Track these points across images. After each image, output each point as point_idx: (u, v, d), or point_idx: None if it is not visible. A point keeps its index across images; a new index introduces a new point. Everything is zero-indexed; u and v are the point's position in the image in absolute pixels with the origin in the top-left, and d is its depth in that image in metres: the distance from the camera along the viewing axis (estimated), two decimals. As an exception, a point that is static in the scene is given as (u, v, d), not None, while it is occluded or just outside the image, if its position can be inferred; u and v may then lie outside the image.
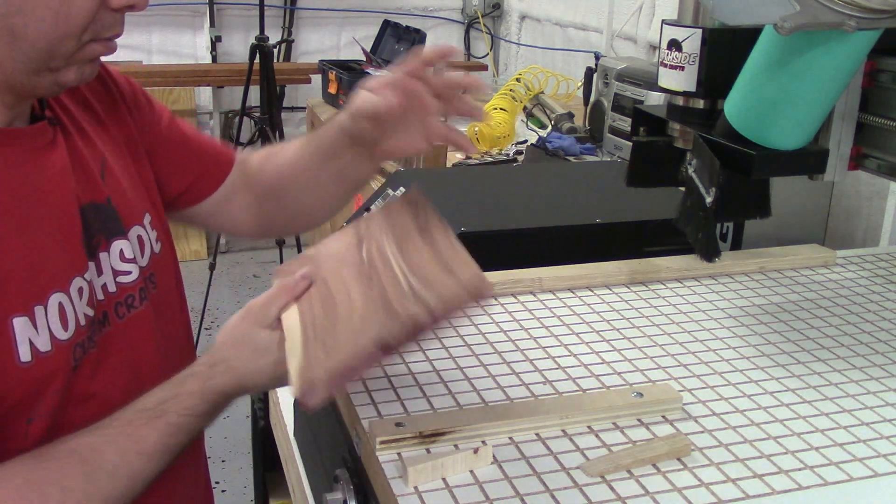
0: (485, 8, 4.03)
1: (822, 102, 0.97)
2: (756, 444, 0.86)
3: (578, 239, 1.39)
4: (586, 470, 0.81)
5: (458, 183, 1.67)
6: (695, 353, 1.05)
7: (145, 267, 1.00)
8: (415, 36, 3.20)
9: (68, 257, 0.90)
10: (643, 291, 1.23)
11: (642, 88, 2.10)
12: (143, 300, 0.99)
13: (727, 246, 1.40)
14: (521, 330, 1.10)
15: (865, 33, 0.88)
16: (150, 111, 1.11)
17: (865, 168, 1.11)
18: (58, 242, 0.89)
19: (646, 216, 1.42)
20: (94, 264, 0.93)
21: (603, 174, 1.79)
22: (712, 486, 0.79)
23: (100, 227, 0.95)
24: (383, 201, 1.57)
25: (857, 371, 1.02)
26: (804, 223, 1.42)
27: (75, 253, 0.90)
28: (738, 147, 1.01)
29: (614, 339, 1.08)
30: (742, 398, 0.95)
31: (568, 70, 3.14)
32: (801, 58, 0.91)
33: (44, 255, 0.87)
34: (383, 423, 0.85)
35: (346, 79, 3.03)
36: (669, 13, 1.22)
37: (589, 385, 0.97)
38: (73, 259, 0.90)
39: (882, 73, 1.05)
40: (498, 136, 2.43)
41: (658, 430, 0.88)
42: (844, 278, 1.29)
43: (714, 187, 1.03)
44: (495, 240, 1.36)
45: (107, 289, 0.95)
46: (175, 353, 1.04)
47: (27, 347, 0.84)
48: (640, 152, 1.19)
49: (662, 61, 1.10)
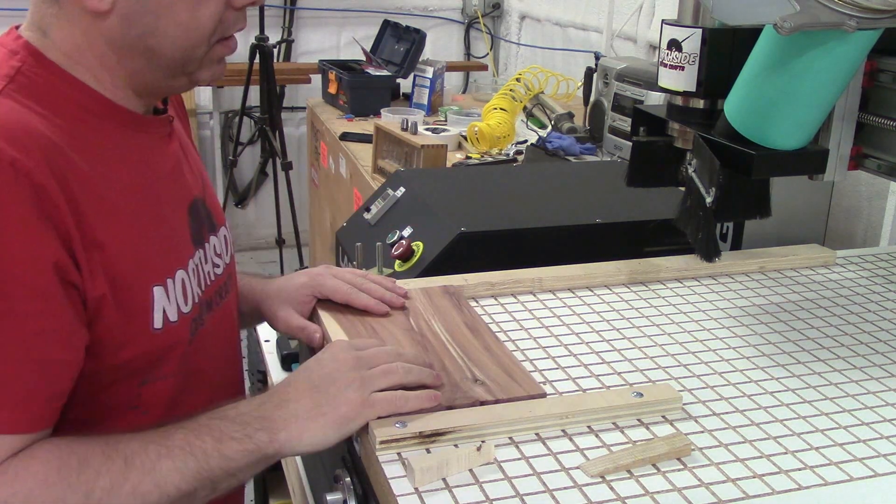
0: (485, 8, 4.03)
1: (822, 102, 0.97)
2: (756, 444, 0.86)
3: (578, 239, 1.39)
4: (586, 470, 0.81)
5: (458, 183, 1.67)
6: (695, 353, 1.05)
7: (228, 264, 1.11)
8: (415, 36, 3.19)
9: (184, 240, 1.00)
10: (643, 291, 1.23)
11: (642, 88, 2.10)
12: (226, 294, 1.09)
13: (727, 246, 1.40)
14: (521, 330, 1.10)
15: (865, 33, 0.88)
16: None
17: (865, 168, 1.11)
18: (178, 224, 1.00)
19: (646, 216, 1.42)
20: (202, 252, 1.03)
21: (603, 174, 1.79)
22: (712, 486, 0.79)
23: (203, 219, 1.06)
24: (383, 201, 1.57)
25: (857, 371, 1.02)
26: (804, 223, 1.42)
27: (188, 237, 1.01)
28: (738, 147, 1.01)
29: (614, 339, 1.08)
30: (742, 398, 0.95)
31: (568, 70, 3.13)
32: (801, 58, 0.91)
33: (172, 233, 0.98)
34: (383, 423, 0.85)
35: (346, 79, 3.03)
36: (669, 13, 1.22)
37: (589, 385, 0.97)
38: (187, 242, 1.00)
39: (882, 73, 1.05)
40: (498, 136, 2.43)
41: (658, 430, 0.88)
42: (844, 278, 1.29)
43: (714, 187, 1.03)
44: (495, 240, 1.36)
45: (209, 276, 1.04)
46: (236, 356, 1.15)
47: (161, 315, 0.93)
48: (640, 152, 1.19)
49: (662, 61, 1.10)
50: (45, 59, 0.90)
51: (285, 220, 3.64)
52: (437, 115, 3.00)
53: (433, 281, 1.20)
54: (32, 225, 0.79)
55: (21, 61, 0.89)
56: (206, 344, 1.01)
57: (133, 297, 0.90)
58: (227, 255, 1.11)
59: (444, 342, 1.02)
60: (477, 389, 0.91)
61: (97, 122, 0.92)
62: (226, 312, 1.09)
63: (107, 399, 0.92)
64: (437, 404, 0.87)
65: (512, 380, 0.93)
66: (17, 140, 0.80)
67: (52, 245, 0.80)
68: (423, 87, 3.08)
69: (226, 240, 1.11)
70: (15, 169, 0.78)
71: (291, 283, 1.15)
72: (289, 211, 3.60)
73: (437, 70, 3.08)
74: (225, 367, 1.09)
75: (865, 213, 1.68)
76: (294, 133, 4.07)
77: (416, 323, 1.07)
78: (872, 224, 1.67)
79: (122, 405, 0.93)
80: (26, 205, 0.78)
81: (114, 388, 0.92)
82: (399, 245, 1.37)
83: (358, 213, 1.63)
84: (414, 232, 1.42)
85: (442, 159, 2.10)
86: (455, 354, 0.99)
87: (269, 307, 1.15)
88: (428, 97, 3.06)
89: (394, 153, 2.23)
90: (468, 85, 4.13)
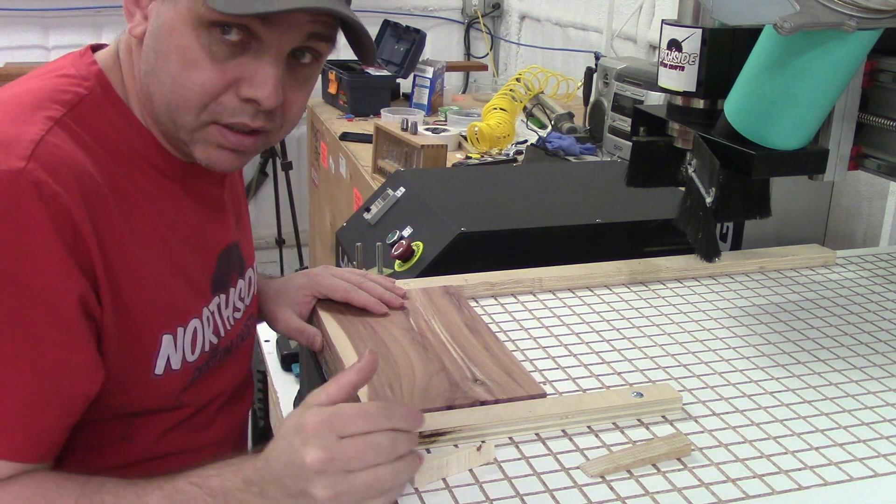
0: (485, 8, 4.02)
1: (822, 102, 0.97)
2: (756, 444, 0.86)
3: (578, 239, 1.39)
4: (586, 470, 0.81)
5: (458, 183, 1.67)
6: (695, 353, 1.05)
7: (248, 306, 1.10)
8: (415, 36, 3.18)
9: (203, 288, 0.98)
10: (643, 291, 1.23)
11: (642, 88, 2.10)
12: (246, 337, 1.09)
13: (727, 246, 1.40)
14: (521, 330, 1.10)
15: (865, 33, 0.87)
16: None
17: (865, 168, 1.11)
18: (201, 271, 0.98)
19: (646, 216, 1.42)
20: (225, 297, 1.02)
21: (603, 174, 1.78)
22: (712, 486, 0.79)
23: (234, 264, 1.05)
24: (383, 201, 1.57)
25: (857, 371, 1.02)
26: (804, 223, 1.42)
27: (208, 285, 0.99)
28: (738, 147, 1.01)
29: (614, 339, 1.08)
30: (742, 398, 0.95)
31: (568, 70, 3.13)
32: (801, 58, 0.91)
33: (191, 282, 0.96)
34: (383, 423, 0.84)
35: (346, 79, 3.03)
36: (669, 13, 1.22)
37: (589, 385, 0.97)
38: (205, 290, 0.99)
39: (882, 73, 1.05)
40: (498, 136, 2.43)
41: (658, 430, 0.88)
42: (844, 278, 1.29)
43: (714, 187, 1.03)
44: (495, 240, 1.36)
45: (229, 321, 1.04)
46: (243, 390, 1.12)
47: (164, 362, 0.92)
48: (640, 152, 1.19)
49: (662, 61, 1.10)
50: (112, 93, 0.90)
51: (285, 220, 3.64)
52: (437, 115, 2.99)
53: (433, 281, 1.20)
54: (62, 257, 0.79)
55: (88, 90, 0.89)
56: (206, 386, 1.01)
57: (140, 343, 0.89)
58: (248, 298, 1.09)
59: (444, 342, 1.02)
60: (477, 389, 0.91)
61: (146, 166, 0.92)
62: (240, 354, 1.08)
63: (96, 429, 0.91)
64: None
65: (512, 380, 0.93)
66: (61, 175, 0.79)
67: (79, 279, 0.80)
68: (423, 87, 3.08)
69: (250, 282, 1.10)
70: (56, 202, 0.78)
71: (291, 283, 1.15)
72: (289, 211, 3.60)
73: (437, 70, 3.08)
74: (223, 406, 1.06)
75: (865, 213, 1.68)
76: (294, 133, 4.06)
77: (416, 323, 1.07)
78: (872, 224, 1.66)
79: (112, 436, 0.93)
80: (60, 238, 0.78)
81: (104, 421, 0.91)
82: (399, 245, 1.37)
83: (358, 213, 1.63)
84: (414, 232, 1.42)
85: (442, 159, 2.10)
86: (455, 354, 0.99)
87: (269, 308, 1.15)
88: (428, 97, 3.06)
89: (394, 153, 2.23)
90: (468, 85, 4.13)
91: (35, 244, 0.77)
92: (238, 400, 1.10)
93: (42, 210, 0.77)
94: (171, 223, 0.94)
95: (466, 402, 0.89)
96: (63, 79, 0.89)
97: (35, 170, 0.78)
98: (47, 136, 0.82)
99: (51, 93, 0.87)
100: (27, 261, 0.77)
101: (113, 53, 0.93)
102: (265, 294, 1.16)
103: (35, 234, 0.77)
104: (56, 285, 0.78)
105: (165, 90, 0.87)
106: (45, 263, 0.78)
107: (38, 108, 0.85)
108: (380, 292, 1.11)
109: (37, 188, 0.77)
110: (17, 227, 0.76)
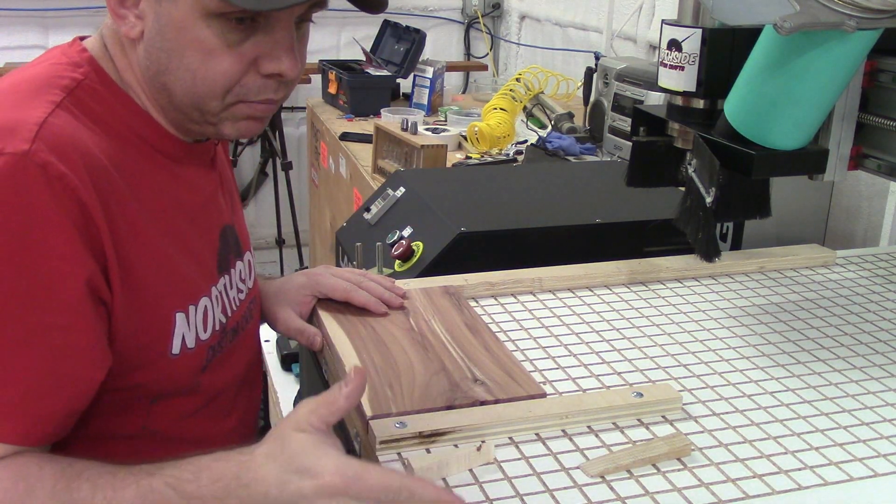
0: (485, 8, 4.02)
1: (822, 102, 0.97)
2: (756, 444, 0.86)
3: (578, 239, 1.39)
4: (586, 470, 0.81)
5: (458, 183, 1.67)
6: (695, 353, 1.05)
7: (251, 289, 1.11)
8: (415, 36, 3.18)
9: (210, 268, 1.00)
10: (643, 291, 1.23)
11: (642, 88, 2.10)
12: (250, 319, 1.09)
13: (727, 246, 1.40)
14: (521, 330, 1.10)
15: (865, 33, 0.87)
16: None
17: (865, 168, 1.11)
18: (207, 250, 1.00)
19: (646, 216, 1.42)
20: (228, 278, 1.03)
21: (603, 174, 1.78)
22: (712, 486, 0.79)
23: (231, 245, 1.06)
24: (383, 201, 1.57)
25: (857, 371, 1.01)
26: (804, 223, 1.42)
27: (214, 264, 1.01)
28: (738, 147, 1.01)
29: (614, 339, 1.08)
30: (742, 398, 0.95)
31: (568, 70, 3.13)
32: (801, 58, 0.91)
33: (199, 260, 0.98)
34: (383, 423, 0.85)
35: (346, 79, 3.03)
36: (669, 13, 1.22)
37: (589, 385, 0.97)
38: (212, 270, 1.00)
39: (882, 73, 1.05)
40: (498, 136, 2.42)
41: (658, 430, 0.88)
42: (844, 278, 1.29)
43: (714, 187, 1.03)
44: (495, 240, 1.36)
45: (234, 301, 1.05)
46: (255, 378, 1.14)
47: (179, 341, 0.93)
48: (640, 152, 1.19)
49: (662, 61, 1.10)
50: (107, 77, 0.91)
51: (285, 220, 3.64)
52: (437, 115, 2.99)
53: (433, 281, 1.20)
54: (71, 240, 0.79)
55: (84, 75, 0.90)
56: (223, 369, 1.01)
57: (155, 322, 0.90)
58: (249, 280, 1.11)
59: (444, 342, 1.02)
60: (477, 389, 0.91)
61: (146, 147, 0.93)
62: (247, 337, 1.09)
63: (116, 416, 0.91)
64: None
65: (512, 380, 0.93)
66: (67, 155, 0.80)
67: (87, 261, 0.80)
68: (423, 87, 3.08)
69: (250, 265, 1.11)
70: (63, 183, 0.78)
71: (290, 283, 1.15)
72: (289, 211, 3.60)
73: (436, 70, 3.08)
74: (239, 390, 1.08)
75: (865, 213, 1.68)
76: (294, 133, 4.07)
77: (416, 323, 1.07)
78: (872, 224, 1.67)
79: (133, 427, 0.93)
80: (68, 220, 0.78)
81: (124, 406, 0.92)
82: (399, 245, 1.37)
83: (358, 213, 1.63)
84: (414, 232, 1.42)
85: (442, 159, 2.10)
86: (455, 354, 0.99)
87: (269, 308, 1.15)
88: (428, 97, 3.06)
89: (394, 153, 2.22)
90: (468, 85, 4.13)
91: (42, 227, 0.77)
92: (253, 384, 1.12)
93: (48, 192, 0.77)
94: (175, 202, 0.95)
95: (466, 402, 0.89)
96: (57, 66, 0.90)
97: (41, 151, 0.78)
98: (50, 118, 0.82)
99: (48, 79, 0.88)
100: (34, 244, 0.77)
101: (100, 44, 0.93)
102: (265, 294, 1.16)
103: (42, 217, 0.77)
104: (63, 269, 0.78)
105: (187, 85, 0.89)
106: (53, 247, 0.78)
107: (38, 93, 0.85)
108: (380, 292, 1.11)
109: (43, 170, 0.77)
110: (24, 210, 0.76)
